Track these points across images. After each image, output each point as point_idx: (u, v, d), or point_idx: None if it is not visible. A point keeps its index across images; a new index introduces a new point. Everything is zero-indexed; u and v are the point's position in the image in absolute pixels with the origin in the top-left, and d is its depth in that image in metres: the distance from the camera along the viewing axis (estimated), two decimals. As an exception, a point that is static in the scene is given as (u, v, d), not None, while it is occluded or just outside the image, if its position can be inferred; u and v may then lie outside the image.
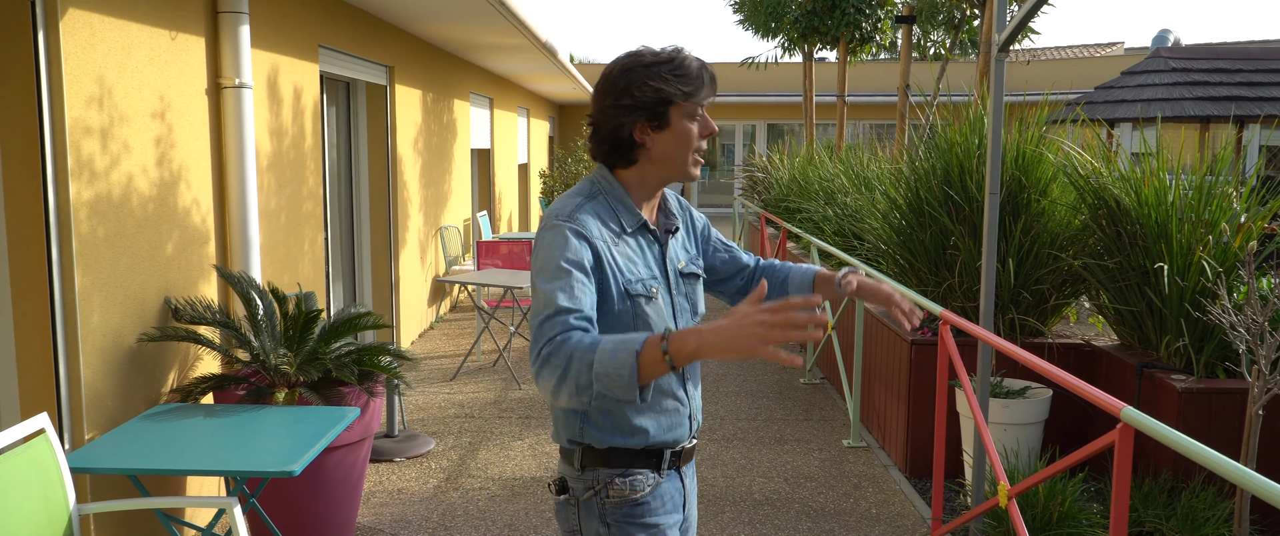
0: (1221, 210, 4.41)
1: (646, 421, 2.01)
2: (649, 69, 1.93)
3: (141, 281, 3.70)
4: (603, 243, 1.92)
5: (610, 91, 1.95)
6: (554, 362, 1.72)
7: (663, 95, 1.93)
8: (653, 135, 1.96)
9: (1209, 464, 2.11)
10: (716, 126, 2.03)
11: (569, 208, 1.94)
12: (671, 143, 1.97)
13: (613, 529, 2.02)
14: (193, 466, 2.91)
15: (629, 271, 1.96)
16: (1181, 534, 3.88)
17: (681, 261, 2.10)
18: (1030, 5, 3.55)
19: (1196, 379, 4.22)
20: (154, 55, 3.81)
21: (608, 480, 2.00)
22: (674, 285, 2.06)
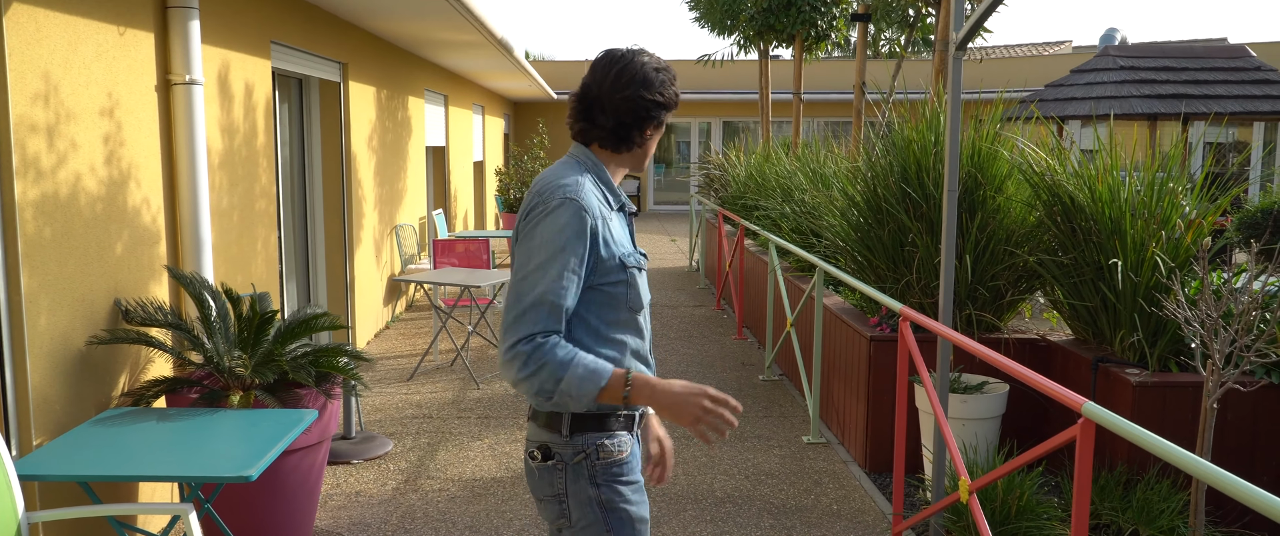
0: (1173, 207, 4.48)
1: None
2: (667, 74, 2.17)
3: (90, 283, 3.60)
4: (600, 219, 2.07)
5: (642, 84, 2.12)
6: (528, 362, 1.95)
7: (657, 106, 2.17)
8: (651, 133, 2.19)
9: (1172, 459, 2.13)
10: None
11: (574, 183, 2.06)
12: (654, 143, 2.25)
13: (602, 489, 2.14)
14: (146, 472, 2.84)
15: (624, 245, 2.14)
16: (1138, 525, 3.94)
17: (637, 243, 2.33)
18: (987, 3, 3.57)
19: (1150, 373, 4.28)
20: (102, 51, 3.71)
21: (598, 443, 2.13)
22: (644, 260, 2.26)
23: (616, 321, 2.14)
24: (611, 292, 2.10)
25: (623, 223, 2.19)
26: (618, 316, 2.13)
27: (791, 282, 7.08)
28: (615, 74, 2.13)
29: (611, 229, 2.10)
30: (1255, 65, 12.41)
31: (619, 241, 2.12)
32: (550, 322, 1.97)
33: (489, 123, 16.37)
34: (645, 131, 2.18)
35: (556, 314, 1.98)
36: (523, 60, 11.21)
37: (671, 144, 25.43)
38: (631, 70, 2.13)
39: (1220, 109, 11.28)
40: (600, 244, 2.06)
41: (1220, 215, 4.46)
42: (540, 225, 2.02)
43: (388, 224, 8.83)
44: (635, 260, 2.15)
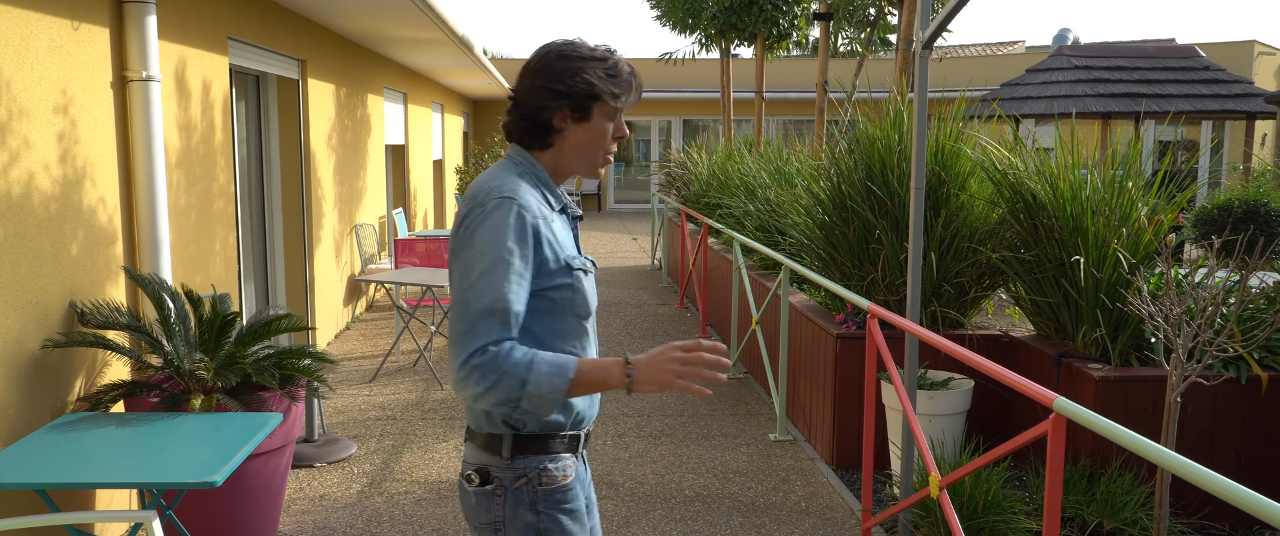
0: (1132, 204, 4.54)
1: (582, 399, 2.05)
2: (585, 62, 1.98)
3: (44, 284, 3.51)
4: (541, 219, 1.95)
5: (543, 73, 1.98)
6: (485, 374, 1.79)
7: (593, 90, 1.98)
8: (572, 125, 2.01)
9: (1146, 453, 2.14)
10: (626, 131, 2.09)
11: (508, 184, 1.93)
12: (587, 137, 2.03)
13: (541, 516, 1.99)
14: (106, 478, 2.76)
15: (568, 247, 2.01)
16: (1102, 518, 3.98)
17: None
18: (955, 2, 3.59)
19: (1112, 367, 4.34)
20: (55, 46, 3.61)
21: (540, 467, 1.99)
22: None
23: (563, 330, 1.99)
24: (556, 298, 1.96)
25: (566, 225, 2.06)
26: (564, 325, 1.99)
27: (756, 281, 7.09)
28: (528, 67, 2.02)
29: (554, 230, 1.97)
30: (1204, 65, 12.65)
31: (563, 243, 1.99)
32: (501, 331, 1.82)
33: (448, 121, 16.25)
34: (551, 121, 1.99)
35: (507, 321, 1.83)
36: (483, 58, 11.13)
37: (632, 142, 25.41)
38: (537, 58, 2.02)
39: (1172, 108, 11.48)
40: (544, 245, 1.93)
41: (1178, 212, 4.53)
42: (478, 230, 1.88)
43: (347, 223, 8.73)
44: (581, 262, 2.01)
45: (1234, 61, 19.92)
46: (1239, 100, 11.83)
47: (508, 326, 1.83)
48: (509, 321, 1.83)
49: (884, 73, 21.46)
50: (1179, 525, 4.23)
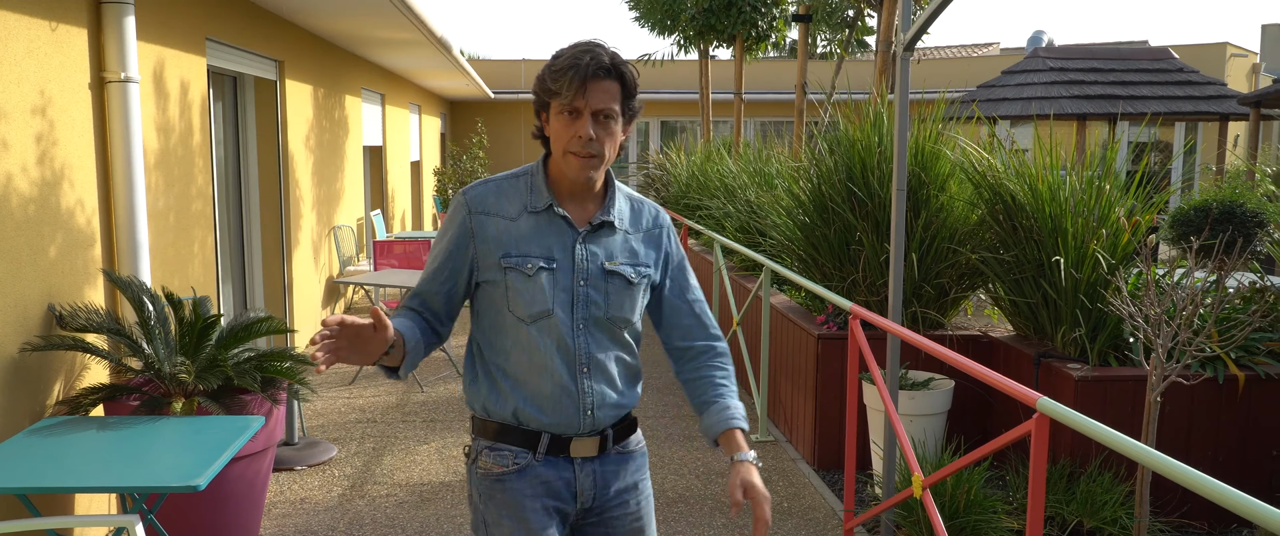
0: (1111, 205, 4.58)
1: (519, 396, 2.06)
2: (560, 59, 1.99)
3: (22, 287, 3.47)
4: (486, 216, 2.05)
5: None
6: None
7: (537, 90, 2.03)
8: (546, 128, 2.06)
9: (1130, 452, 2.17)
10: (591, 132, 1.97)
11: (480, 181, 2.10)
12: (552, 137, 2.04)
13: (482, 500, 2.10)
14: (89, 483, 2.74)
15: (514, 246, 2.03)
16: (1082, 516, 4.02)
17: (615, 260, 2.09)
18: (936, 4, 3.62)
19: (1091, 367, 4.38)
20: (33, 47, 3.58)
21: (480, 450, 2.11)
22: (581, 273, 2.06)
23: (499, 326, 2.05)
24: (489, 293, 2.05)
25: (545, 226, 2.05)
26: (501, 320, 2.05)
27: (737, 282, 7.10)
28: None
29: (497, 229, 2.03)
30: (1178, 67, 12.78)
31: (510, 242, 2.02)
32: (408, 302, 2.10)
33: (426, 122, 16.19)
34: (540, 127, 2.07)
35: (414, 297, 2.10)
36: (460, 59, 11.10)
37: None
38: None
39: (1147, 110, 11.59)
40: (477, 238, 2.04)
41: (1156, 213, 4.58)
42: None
43: (326, 225, 8.68)
44: (518, 261, 2.02)
45: (1207, 63, 20.15)
46: (1213, 102, 11.97)
47: (413, 299, 2.10)
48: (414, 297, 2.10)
49: (862, 74, 21.55)
50: (1158, 523, 4.27)
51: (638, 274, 2.12)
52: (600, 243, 2.09)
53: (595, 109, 1.97)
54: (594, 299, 2.06)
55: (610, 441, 2.14)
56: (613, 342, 2.10)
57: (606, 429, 2.13)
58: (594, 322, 2.07)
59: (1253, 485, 4.37)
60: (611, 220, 2.10)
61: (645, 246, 2.16)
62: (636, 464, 2.22)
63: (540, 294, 2.02)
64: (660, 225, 2.20)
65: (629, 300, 2.10)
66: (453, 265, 2.07)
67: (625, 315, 2.10)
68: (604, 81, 1.97)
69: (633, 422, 2.22)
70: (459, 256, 2.07)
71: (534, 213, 2.06)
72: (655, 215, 2.21)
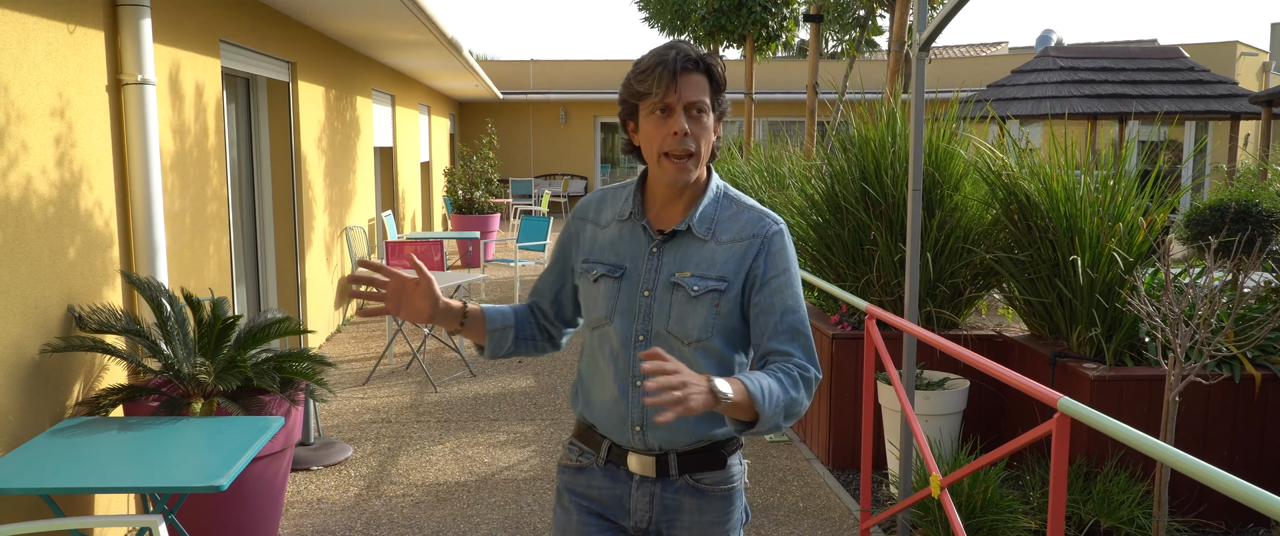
0: (1126, 203, 4.57)
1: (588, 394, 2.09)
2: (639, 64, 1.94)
3: (43, 289, 3.49)
4: (584, 222, 2.10)
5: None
6: None
7: (624, 96, 1.96)
8: (637, 136, 1.98)
9: (1153, 452, 2.16)
10: (686, 126, 1.89)
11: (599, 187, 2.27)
12: (642, 143, 1.97)
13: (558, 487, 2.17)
14: (111, 483, 2.75)
15: (598, 253, 2.04)
16: (1099, 516, 4.01)
17: (685, 272, 1.95)
18: (953, 4, 3.62)
19: (1107, 367, 4.37)
20: (52, 50, 3.59)
21: (569, 440, 2.15)
22: (648, 283, 1.97)
23: (589, 325, 2.08)
24: (579, 296, 2.12)
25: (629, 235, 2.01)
26: (589, 319, 2.07)
27: (749, 282, 7.10)
28: None
29: (589, 236, 2.07)
30: (1188, 66, 12.74)
31: (596, 249, 2.04)
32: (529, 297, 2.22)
33: (435, 123, 16.22)
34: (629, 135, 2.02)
35: (532, 293, 2.20)
36: (470, 60, 11.12)
37: (617, 144, 25.41)
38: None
39: (1157, 109, 11.56)
40: (574, 246, 2.10)
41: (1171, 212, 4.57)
42: None
43: (338, 226, 8.70)
44: (589, 267, 2.03)
45: (1217, 62, 20.08)
46: (1223, 101, 11.93)
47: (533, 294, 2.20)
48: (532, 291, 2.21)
49: (873, 74, 21.53)
50: (1175, 523, 4.26)
51: (702, 286, 1.93)
52: (677, 252, 1.97)
53: (688, 102, 1.89)
54: (657, 311, 1.95)
55: (674, 467, 1.99)
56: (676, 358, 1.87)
57: (667, 453, 1.99)
58: (656, 336, 1.95)
59: (1268, 484, 4.36)
60: (689, 227, 1.96)
61: (728, 258, 1.95)
62: (717, 507, 2.02)
63: (600, 301, 2.00)
64: (758, 235, 1.96)
65: (695, 315, 1.92)
66: (560, 266, 2.14)
67: (689, 331, 1.93)
68: (693, 74, 1.89)
69: (717, 458, 2.02)
70: (564, 258, 2.14)
71: (621, 221, 2.03)
72: (759, 223, 1.97)
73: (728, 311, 1.94)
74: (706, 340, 1.93)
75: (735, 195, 2.03)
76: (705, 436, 1.99)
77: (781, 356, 1.90)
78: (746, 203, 2.01)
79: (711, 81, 1.92)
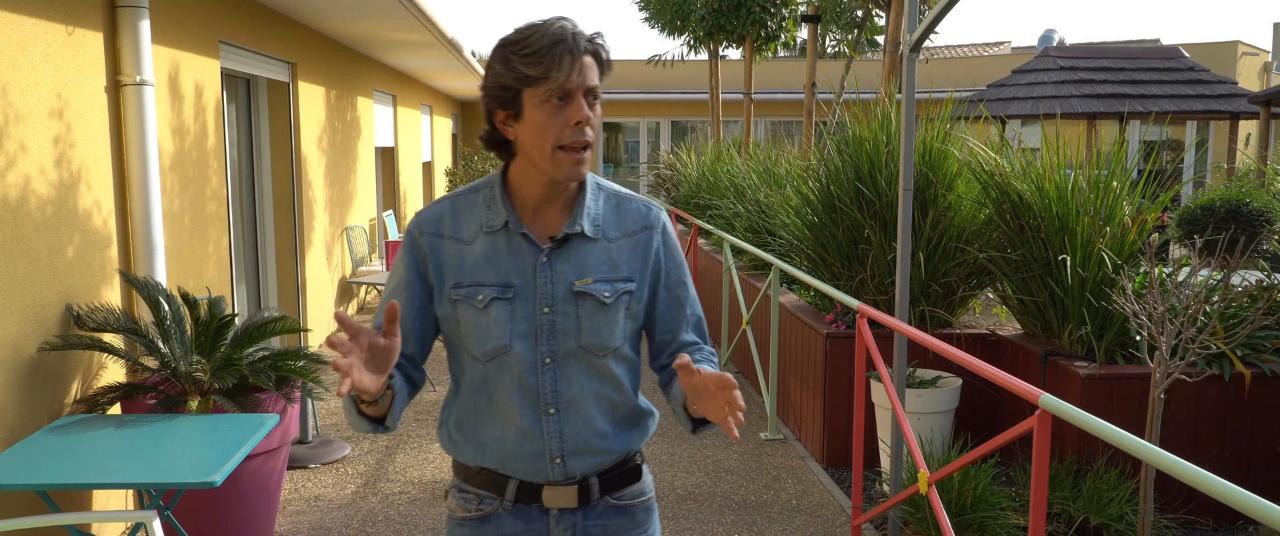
0: (1117, 204, 4.60)
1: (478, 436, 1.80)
2: (501, 50, 1.68)
3: (41, 288, 3.53)
4: (440, 239, 1.76)
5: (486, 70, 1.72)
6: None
7: (504, 81, 1.67)
8: (514, 127, 1.70)
9: (1130, 448, 2.20)
10: (589, 114, 1.67)
11: (431, 203, 1.82)
12: (529, 136, 1.69)
13: None
14: (107, 479, 2.79)
15: (468, 273, 1.74)
16: (1089, 513, 4.04)
17: (587, 278, 1.76)
18: (940, 7, 3.65)
19: (1098, 365, 4.40)
20: (50, 51, 3.64)
21: (451, 488, 1.89)
22: (545, 299, 1.75)
23: (460, 363, 1.80)
24: (446, 327, 1.79)
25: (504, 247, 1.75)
26: (459, 358, 1.79)
27: (747, 281, 7.14)
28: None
29: (457, 253, 1.75)
30: (1188, 66, 12.76)
31: (464, 270, 1.74)
32: None
33: (437, 123, 16.27)
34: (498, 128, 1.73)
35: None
36: (471, 60, 11.16)
37: (620, 143, 25.46)
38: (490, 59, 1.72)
39: (1157, 108, 11.57)
40: (429, 267, 1.77)
41: (1162, 212, 4.60)
42: None
43: (339, 225, 8.74)
44: (467, 292, 1.73)
45: (1218, 62, 20.08)
46: (1223, 100, 11.95)
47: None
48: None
49: (872, 74, 21.55)
50: (1164, 520, 4.29)
51: (613, 291, 1.77)
52: (570, 258, 1.76)
53: (587, 87, 1.67)
54: (563, 327, 1.74)
55: (595, 491, 1.82)
56: (592, 376, 1.77)
57: (588, 477, 1.81)
58: (565, 355, 1.75)
59: (1259, 481, 4.39)
60: (581, 230, 1.76)
61: (628, 255, 1.80)
62: (639, 522, 1.88)
63: (494, 328, 1.73)
64: (650, 226, 1.83)
65: (607, 324, 1.76)
66: (417, 298, 1.79)
67: (604, 342, 1.76)
68: (587, 57, 1.67)
69: (633, 471, 1.88)
70: (419, 285, 1.78)
71: (490, 233, 1.75)
72: (645, 214, 1.83)
73: (637, 312, 1.81)
74: (621, 348, 1.79)
75: (608, 185, 1.85)
76: (625, 450, 1.84)
77: (691, 347, 1.87)
78: (623, 192, 1.85)
79: (600, 65, 1.71)
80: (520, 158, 1.74)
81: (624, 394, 1.82)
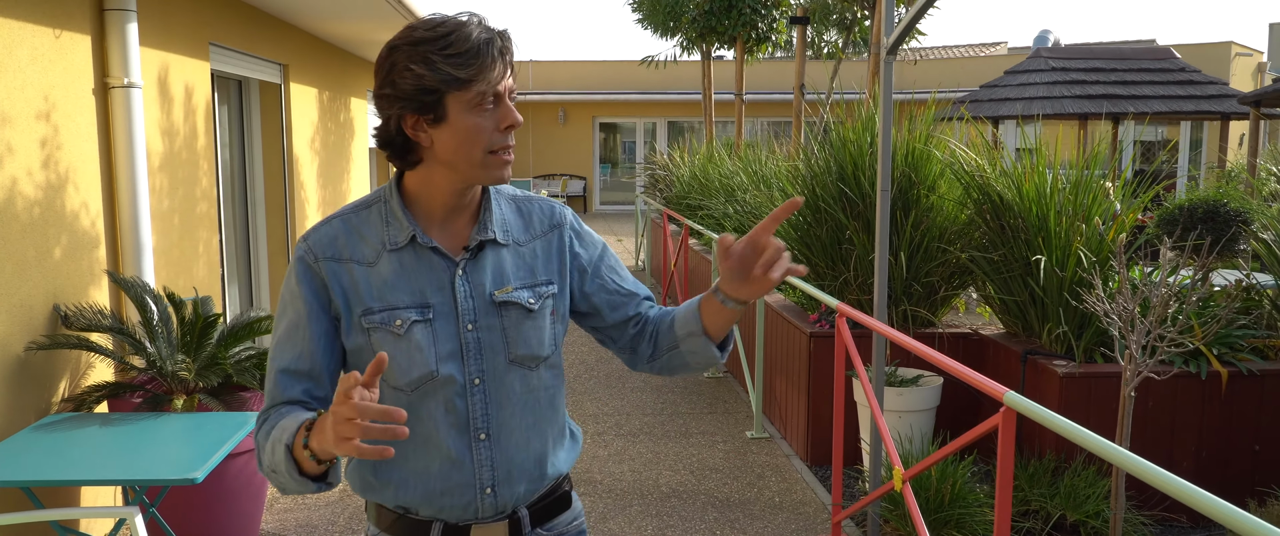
0: (1096, 203, 4.66)
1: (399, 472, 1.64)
2: (415, 48, 1.51)
3: (29, 288, 3.58)
4: (341, 263, 1.59)
5: (378, 74, 1.55)
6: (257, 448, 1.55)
7: (426, 83, 1.51)
8: (431, 132, 1.55)
9: (1083, 442, 2.25)
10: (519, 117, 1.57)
11: (317, 224, 1.64)
12: (454, 141, 1.55)
13: None
14: (90, 476, 2.84)
15: (378, 297, 1.59)
16: (1065, 510, 4.09)
17: (507, 286, 1.65)
18: (915, 10, 3.70)
19: (1076, 364, 4.45)
20: (37, 54, 3.69)
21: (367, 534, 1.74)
22: (468, 315, 1.62)
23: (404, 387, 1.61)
24: (357, 359, 1.61)
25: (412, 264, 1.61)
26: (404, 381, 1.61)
27: (734, 281, 7.18)
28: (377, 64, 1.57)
29: (361, 276, 1.59)
30: (1179, 66, 12.82)
31: (372, 293, 1.59)
32: (275, 395, 1.58)
33: (432, 124, 16.32)
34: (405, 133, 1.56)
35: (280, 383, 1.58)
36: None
37: (617, 144, 25.51)
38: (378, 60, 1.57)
39: (1147, 109, 11.63)
40: (335, 294, 1.58)
41: (1142, 212, 4.65)
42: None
43: (331, 226, 8.79)
44: (383, 318, 1.58)
45: (1212, 63, 20.14)
46: (1213, 101, 12.00)
47: (279, 389, 1.58)
48: (279, 384, 1.58)
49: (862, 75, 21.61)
50: (1140, 517, 4.34)
51: (536, 296, 1.67)
52: (486, 269, 1.65)
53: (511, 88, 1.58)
54: (490, 343, 1.63)
55: (526, 524, 1.70)
56: (523, 393, 1.67)
57: (518, 509, 1.69)
58: (495, 373, 1.64)
59: (1235, 479, 4.44)
60: (493, 236, 1.66)
61: (543, 258, 1.71)
62: None
63: (417, 354, 1.59)
64: (558, 224, 1.74)
65: (535, 332, 1.66)
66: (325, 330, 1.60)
67: (535, 352, 1.67)
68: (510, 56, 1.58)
69: (564, 498, 1.77)
70: (324, 317, 1.60)
71: (395, 250, 1.61)
72: (551, 214, 1.74)
73: (563, 313, 1.73)
74: (552, 355, 1.70)
75: (505, 189, 1.75)
76: (557, 475, 1.74)
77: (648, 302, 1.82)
78: (521, 195, 1.76)
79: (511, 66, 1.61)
80: (428, 165, 1.59)
81: (555, 410, 1.73)
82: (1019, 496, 4.21)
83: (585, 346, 8.24)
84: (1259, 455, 4.44)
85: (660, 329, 1.78)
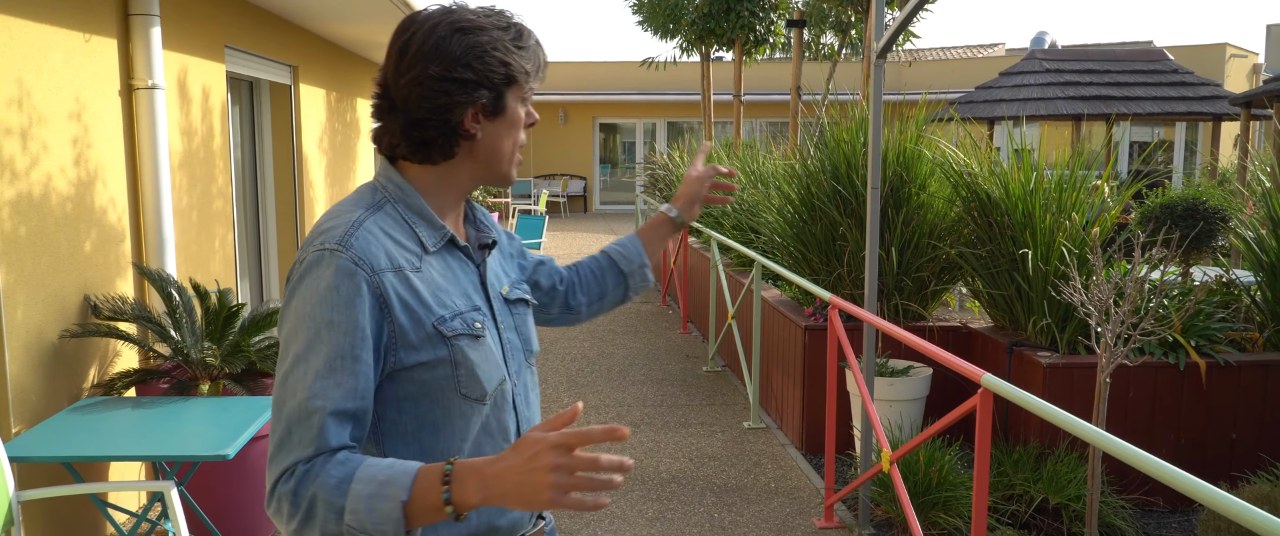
0: (1077, 201, 4.85)
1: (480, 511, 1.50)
2: (493, 36, 1.44)
3: (62, 279, 3.77)
4: (392, 275, 1.40)
5: (437, 58, 1.42)
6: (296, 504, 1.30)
7: (510, 72, 1.46)
8: (485, 124, 1.47)
9: (1058, 421, 2.44)
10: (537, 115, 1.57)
11: (342, 226, 1.40)
12: (501, 133, 1.49)
13: None
14: (126, 452, 3.03)
15: (441, 304, 1.44)
16: (1047, 494, 4.29)
17: (505, 285, 1.62)
18: (904, 15, 3.89)
19: (1059, 355, 4.65)
20: (69, 57, 3.88)
21: None
22: (500, 317, 1.56)
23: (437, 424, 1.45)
24: (427, 380, 1.42)
25: (453, 267, 1.50)
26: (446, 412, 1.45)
27: (732, 277, 7.38)
28: (400, 48, 1.45)
29: (418, 283, 1.42)
30: (1172, 68, 13.01)
31: (435, 299, 1.44)
32: (321, 442, 1.31)
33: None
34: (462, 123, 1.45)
35: (323, 428, 1.31)
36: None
37: (617, 144, 25.70)
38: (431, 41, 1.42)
39: (1139, 110, 11.83)
40: (396, 309, 1.39)
41: (1124, 210, 4.84)
42: (294, 297, 1.38)
43: (338, 224, 8.97)
44: (467, 323, 1.45)
45: (1206, 64, 20.33)
46: (1206, 102, 12.20)
47: (325, 435, 1.32)
48: (325, 428, 1.32)
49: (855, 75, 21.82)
50: (1120, 500, 4.53)
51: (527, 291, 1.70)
52: (495, 268, 1.62)
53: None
54: (515, 344, 1.59)
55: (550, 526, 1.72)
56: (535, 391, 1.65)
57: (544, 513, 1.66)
58: (520, 374, 1.59)
59: (1214, 466, 4.64)
60: (494, 237, 1.63)
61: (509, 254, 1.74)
62: None
63: (493, 357, 1.49)
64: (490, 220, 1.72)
65: (534, 329, 1.68)
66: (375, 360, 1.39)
67: (536, 348, 1.66)
68: None
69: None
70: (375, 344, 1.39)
71: (435, 252, 1.49)
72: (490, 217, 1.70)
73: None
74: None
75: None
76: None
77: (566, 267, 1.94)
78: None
79: None
80: (458, 161, 1.50)
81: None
82: (1004, 481, 4.40)
83: (587, 341, 8.44)
84: (1235, 443, 4.63)
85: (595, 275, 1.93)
